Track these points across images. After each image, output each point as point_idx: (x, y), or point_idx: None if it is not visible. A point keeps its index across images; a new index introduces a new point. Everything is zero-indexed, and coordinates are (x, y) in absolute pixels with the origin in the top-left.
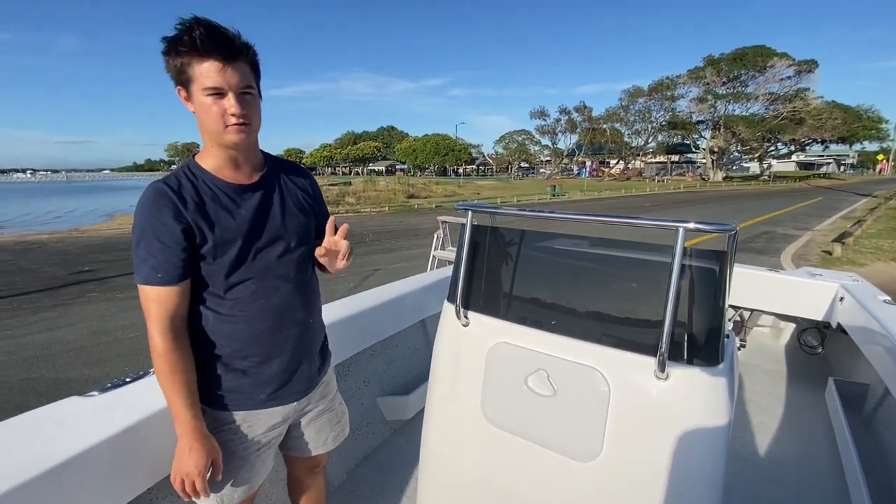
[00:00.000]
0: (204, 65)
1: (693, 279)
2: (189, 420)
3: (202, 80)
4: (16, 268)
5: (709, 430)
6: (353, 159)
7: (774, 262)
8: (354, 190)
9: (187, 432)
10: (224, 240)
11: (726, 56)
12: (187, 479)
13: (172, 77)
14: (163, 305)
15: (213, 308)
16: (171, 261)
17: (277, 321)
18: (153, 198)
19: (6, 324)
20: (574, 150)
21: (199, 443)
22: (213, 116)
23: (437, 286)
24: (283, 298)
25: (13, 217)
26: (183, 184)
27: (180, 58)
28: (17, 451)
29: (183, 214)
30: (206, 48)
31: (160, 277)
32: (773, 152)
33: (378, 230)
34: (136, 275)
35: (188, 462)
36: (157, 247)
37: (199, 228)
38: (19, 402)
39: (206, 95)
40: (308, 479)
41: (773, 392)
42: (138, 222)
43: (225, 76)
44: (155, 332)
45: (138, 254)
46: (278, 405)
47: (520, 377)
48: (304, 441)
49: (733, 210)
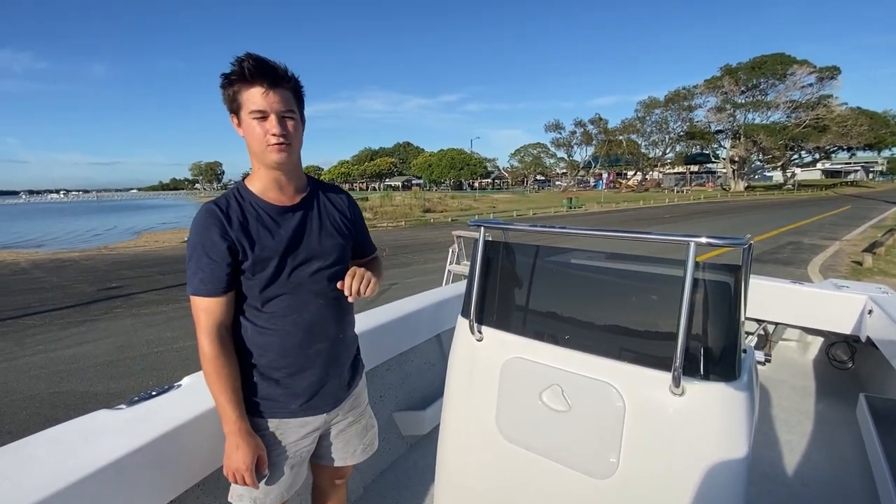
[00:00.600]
0: (251, 90)
1: (707, 293)
2: (235, 420)
3: (248, 104)
4: (49, 284)
5: (728, 448)
6: (370, 175)
7: (801, 274)
8: (371, 205)
9: (234, 431)
10: (262, 257)
11: (744, 65)
12: (237, 473)
13: (227, 107)
14: (210, 315)
15: (251, 320)
16: (217, 274)
17: (308, 335)
18: (205, 216)
19: (39, 339)
20: (590, 162)
21: (244, 441)
22: (257, 137)
23: (452, 301)
24: (314, 314)
25: (48, 236)
26: (231, 204)
27: (232, 87)
28: (51, 461)
29: (228, 233)
30: (253, 75)
31: (207, 289)
32: (796, 161)
33: (394, 245)
34: (188, 286)
35: (237, 458)
36: (205, 261)
37: (241, 246)
38: (49, 415)
39: (252, 118)
40: (332, 490)
41: (801, 408)
42: (191, 238)
43: (268, 100)
44: (204, 339)
45: (190, 267)
46: (309, 415)
47: (534, 392)
48: (332, 451)
49: (756, 220)
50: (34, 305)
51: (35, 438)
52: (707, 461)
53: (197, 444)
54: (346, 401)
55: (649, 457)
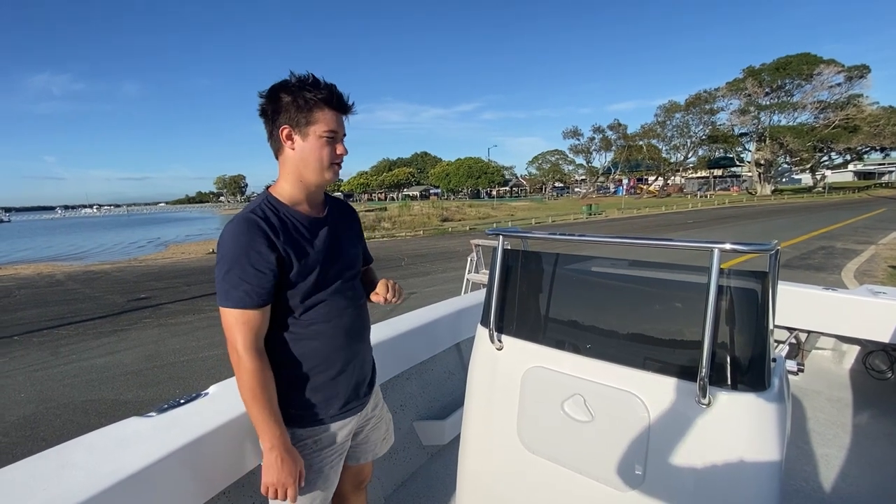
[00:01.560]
0: (330, 113)
1: (733, 301)
2: (278, 435)
3: (323, 125)
4: (82, 296)
5: (758, 461)
6: (388, 185)
7: (835, 280)
8: (390, 215)
9: (277, 446)
10: (307, 267)
11: (768, 66)
12: (280, 488)
13: (285, 118)
14: (251, 327)
15: (288, 330)
16: (263, 286)
17: (346, 338)
18: (247, 227)
19: (73, 348)
20: (610, 168)
21: (288, 454)
22: (322, 156)
23: (471, 310)
24: (350, 317)
25: (81, 249)
26: (268, 215)
27: (308, 105)
28: (86, 467)
29: (276, 244)
30: (335, 100)
31: (253, 301)
32: (826, 163)
33: (413, 254)
34: (224, 299)
35: (282, 473)
36: (251, 273)
37: (288, 256)
38: (82, 422)
39: (322, 138)
40: (353, 495)
41: (837, 421)
42: (230, 250)
43: (340, 125)
44: (244, 353)
45: (229, 280)
46: (348, 416)
47: (556, 402)
48: (360, 448)
49: (784, 225)
50: (68, 316)
51: (71, 444)
52: (737, 475)
53: (223, 452)
54: (371, 397)
55: (676, 469)
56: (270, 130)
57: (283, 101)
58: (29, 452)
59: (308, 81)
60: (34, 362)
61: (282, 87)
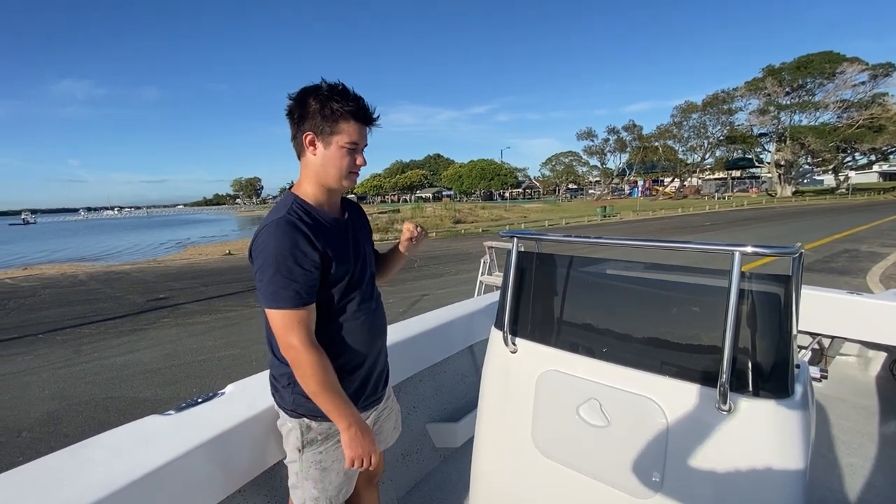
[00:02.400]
0: (355, 125)
1: (755, 305)
2: (352, 413)
3: (347, 136)
4: (104, 295)
5: (781, 470)
6: (401, 187)
7: (859, 284)
8: (403, 217)
9: (354, 423)
10: (343, 265)
11: (788, 65)
12: (367, 457)
13: (310, 125)
14: (305, 324)
15: (326, 325)
16: (311, 284)
17: (370, 335)
18: (288, 229)
19: (94, 346)
20: (625, 169)
21: (364, 427)
22: (343, 165)
23: (484, 312)
24: (374, 314)
25: (103, 250)
26: (302, 216)
27: (335, 114)
28: (107, 464)
29: (317, 244)
30: (361, 113)
31: (304, 299)
32: (849, 163)
33: (426, 256)
34: (275, 301)
35: (366, 443)
36: (298, 272)
37: (327, 255)
38: (103, 419)
39: (344, 148)
40: (365, 491)
41: (862, 429)
42: (275, 253)
43: (362, 137)
44: (303, 349)
45: (277, 281)
46: (371, 407)
47: (571, 406)
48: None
49: (805, 227)
50: (90, 315)
51: (92, 442)
52: (758, 483)
53: (240, 451)
54: (387, 389)
55: (695, 476)
56: (295, 133)
57: (310, 107)
58: (52, 448)
59: (338, 91)
60: (57, 360)
61: (312, 92)
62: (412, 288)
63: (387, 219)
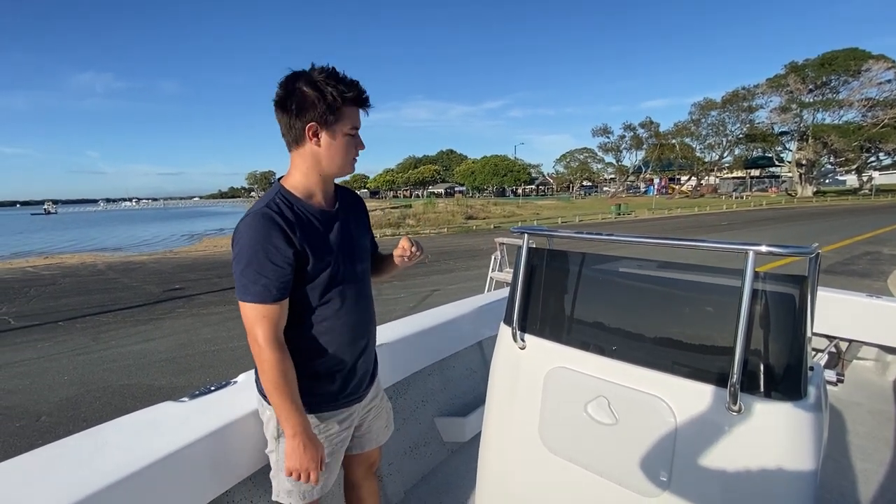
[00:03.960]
0: (355, 111)
1: (769, 306)
2: (301, 422)
3: (349, 122)
4: (121, 285)
5: (791, 472)
6: (413, 183)
7: (880, 287)
8: (415, 212)
9: (300, 433)
10: (322, 261)
11: (812, 61)
12: (304, 472)
13: (314, 115)
14: (272, 321)
15: (304, 323)
16: (282, 280)
17: (353, 333)
18: (264, 223)
19: (112, 335)
20: (640, 167)
21: (311, 440)
22: (346, 152)
23: (494, 308)
24: (359, 312)
25: (122, 240)
26: (284, 211)
27: (336, 103)
28: (123, 447)
29: (293, 239)
30: (360, 99)
31: (272, 295)
32: (873, 163)
33: (437, 251)
34: (244, 294)
35: (306, 458)
36: (269, 268)
37: (304, 251)
38: (119, 405)
39: (347, 135)
40: (364, 482)
41: (878, 435)
42: (248, 245)
43: (359, 120)
44: (265, 345)
45: (247, 274)
46: (349, 405)
47: (579, 404)
48: (364, 437)
49: (825, 228)
50: (108, 304)
51: (109, 425)
52: (767, 485)
53: (251, 439)
54: (372, 388)
55: (703, 476)
56: (291, 123)
57: (308, 96)
58: (70, 432)
59: (336, 77)
60: (76, 347)
61: (305, 80)
62: (423, 283)
63: (399, 213)
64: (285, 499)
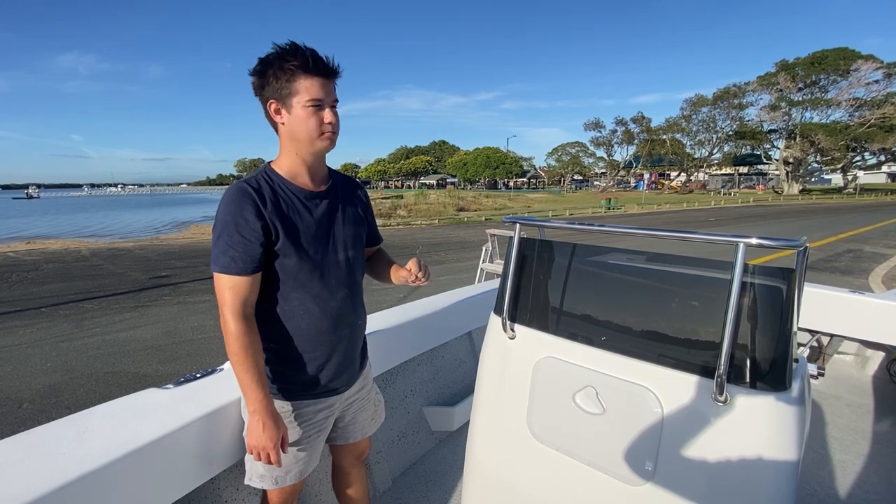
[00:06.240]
0: (310, 80)
1: (757, 298)
2: (261, 399)
3: (306, 94)
4: (107, 272)
5: (773, 462)
6: (405, 173)
7: (861, 284)
8: (406, 203)
9: (259, 410)
10: (295, 240)
11: (802, 60)
12: (262, 451)
13: (270, 92)
14: (237, 293)
15: (281, 304)
16: (249, 253)
17: (334, 322)
18: (237, 196)
19: (97, 322)
20: (631, 162)
21: (270, 419)
22: (310, 125)
23: (484, 298)
24: (341, 301)
25: (107, 226)
26: (262, 185)
27: (286, 74)
28: (105, 434)
29: (263, 213)
30: (313, 67)
31: (239, 267)
32: (859, 163)
33: (428, 242)
34: (214, 263)
35: (263, 437)
36: (237, 240)
37: (274, 227)
38: (104, 392)
39: (306, 107)
40: (353, 470)
41: (857, 427)
42: (221, 217)
43: (325, 91)
44: (229, 317)
45: (219, 245)
46: (328, 395)
47: (567, 393)
48: (347, 430)
49: (810, 226)
50: (93, 291)
51: (91, 412)
52: (750, 475)
53: (236, 426)
54: (357, 381)
55: (688, 466)
56: (262, 106)
57: (265, 74)
58: (53, 419)
59: (286, 49)
60: (60, 334)
61: (264, 59)
62: None
63: (390, 204)
64: (258, 483)
